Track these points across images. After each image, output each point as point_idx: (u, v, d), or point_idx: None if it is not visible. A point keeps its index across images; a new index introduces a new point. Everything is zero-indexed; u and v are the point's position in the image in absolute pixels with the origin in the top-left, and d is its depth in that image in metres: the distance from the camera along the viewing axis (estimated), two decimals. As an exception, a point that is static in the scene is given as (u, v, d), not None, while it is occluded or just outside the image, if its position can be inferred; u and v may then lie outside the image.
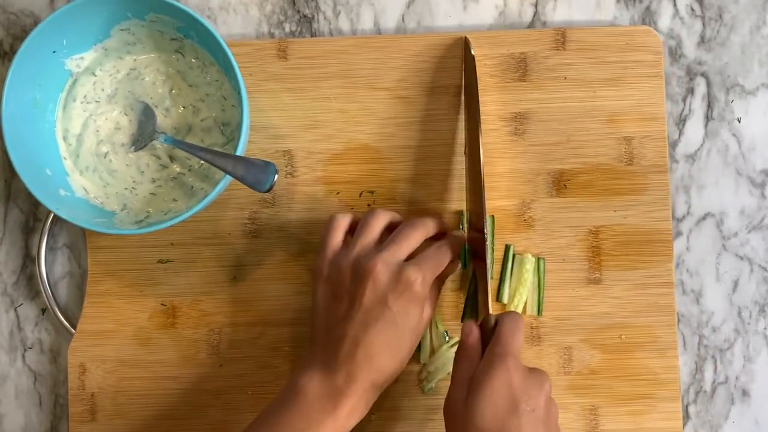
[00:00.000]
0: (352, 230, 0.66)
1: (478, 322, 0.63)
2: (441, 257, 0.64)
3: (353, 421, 0.61)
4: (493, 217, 0.71)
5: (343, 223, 0.66)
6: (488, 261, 0.64)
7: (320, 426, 0.59)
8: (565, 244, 0.72)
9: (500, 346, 0.60)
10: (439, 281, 0.67)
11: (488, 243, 0.66)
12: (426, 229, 0.65)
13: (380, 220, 0.65)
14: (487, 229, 0.64)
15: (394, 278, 0.61)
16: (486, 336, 0.62)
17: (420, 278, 0.61)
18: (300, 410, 0.60)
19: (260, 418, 0.62)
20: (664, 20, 0.74)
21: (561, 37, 0.72)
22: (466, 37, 0.72)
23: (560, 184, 0.72)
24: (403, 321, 0.61)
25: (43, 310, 0.74)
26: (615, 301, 0.71)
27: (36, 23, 0.74)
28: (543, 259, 0.71)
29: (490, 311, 0.63)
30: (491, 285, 0.69)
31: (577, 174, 0.72)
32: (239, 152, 0.66)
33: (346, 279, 0.62)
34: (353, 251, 0.63)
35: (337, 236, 0.65)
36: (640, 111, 0.72)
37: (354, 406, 0.60)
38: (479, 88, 0.70)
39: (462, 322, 0.66)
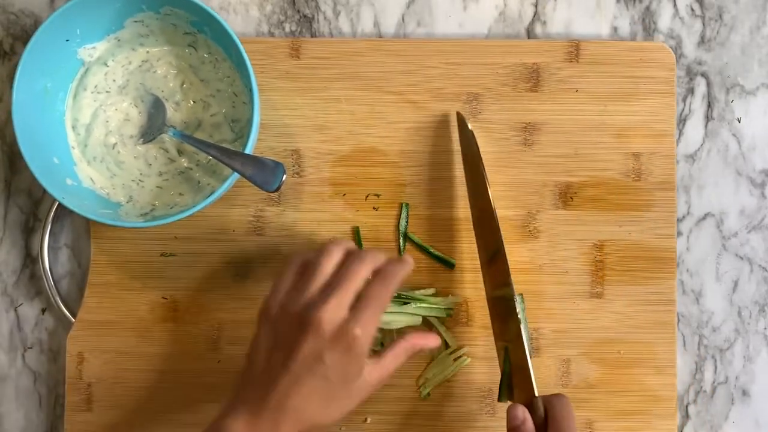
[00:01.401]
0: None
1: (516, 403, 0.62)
2: (384, 293, 0.62)
3: None
4: (522, 295, 0.71)
5: (298, 261, 0.63)
6: (525, 339, 0.63)
7: None
8: (568, 256, 0.72)
9: None
10: (403, 350, 0.64)
11: (522, 323, 0.64)
12: (374, 261, 0.63)
13: (331, 260, 0.62)
14: (519, 308, 0.62)
15: (336, 335, 0.59)
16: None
17: (360, 334, 0.59)
18: None
19: None
20: (664, 20, 0.74)
21: (575, 49, 0.72)
22: (458, 113, 0.71)
23: (566, 196, 0.72)
24: (338, 376, 0.59)
25: (44, 310, 0.74)
26: (616, 316, 0.71)
27: (36, 23, 0.74)
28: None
29: (536, 393, 0.62)
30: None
31: (584, 187, 0.72)
32: (248, 150, 0.66)
33: (291, 326, 0.60)
34: (303, 297, 0.61)
35: (290, 277, 0.63)
36: (650, 127, 0.72)
37: None
38: (490, 97, 0.69)
39: (499, 401, 0.64)
